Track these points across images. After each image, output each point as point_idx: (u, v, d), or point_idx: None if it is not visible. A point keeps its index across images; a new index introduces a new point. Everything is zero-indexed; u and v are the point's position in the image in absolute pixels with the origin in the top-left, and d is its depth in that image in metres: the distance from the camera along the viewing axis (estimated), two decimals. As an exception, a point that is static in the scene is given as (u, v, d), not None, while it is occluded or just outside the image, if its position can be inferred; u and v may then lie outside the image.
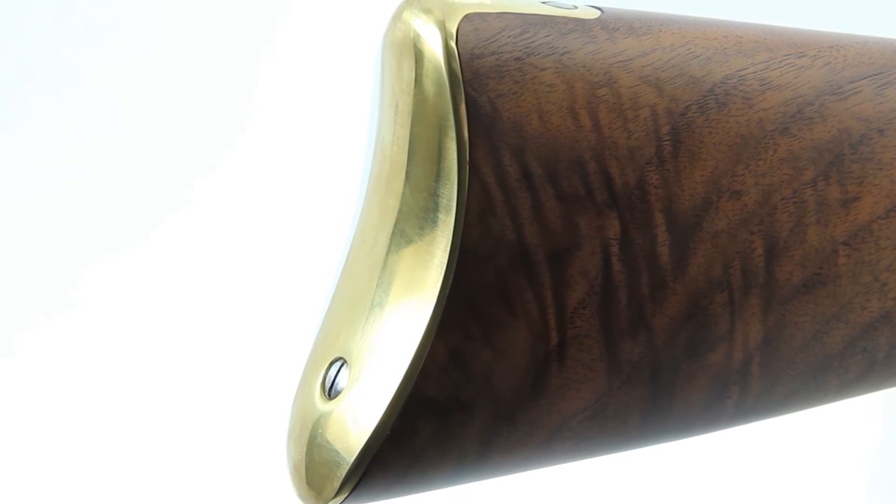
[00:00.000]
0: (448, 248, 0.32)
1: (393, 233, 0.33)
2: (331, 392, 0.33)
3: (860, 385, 0.39)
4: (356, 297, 0.34)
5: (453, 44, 0.31)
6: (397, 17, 0.32)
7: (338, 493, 0.33)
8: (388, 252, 0.33)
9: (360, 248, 0.34)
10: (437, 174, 0.32)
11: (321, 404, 0.33)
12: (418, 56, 0.32)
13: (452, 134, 0.31)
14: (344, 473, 0.32)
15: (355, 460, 0.32)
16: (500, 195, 0.32)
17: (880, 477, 0.69)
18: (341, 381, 0.33)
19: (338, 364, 0.33)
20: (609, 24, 0.34)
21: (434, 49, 0.31)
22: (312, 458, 0.33)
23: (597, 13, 0.34)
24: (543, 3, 0.33)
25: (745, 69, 0.35)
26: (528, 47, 0.32)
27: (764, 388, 0.37)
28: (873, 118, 0.37)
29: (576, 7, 0.34)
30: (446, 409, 0.32)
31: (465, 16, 0.32)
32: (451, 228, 0.32)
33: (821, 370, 0.37)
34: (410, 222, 0.32)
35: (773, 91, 0.35)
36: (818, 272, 0.36)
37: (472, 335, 0.32)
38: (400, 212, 0.33)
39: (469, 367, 0.32)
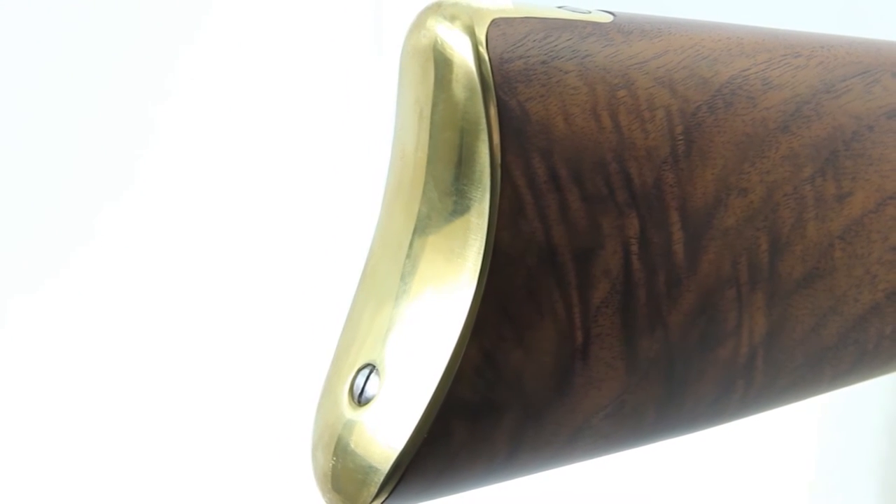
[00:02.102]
0: (481, 251, 0.32)
1: (421, 238, 0.33)
2: (360, 399, 0.33)
3: (851, 375, 0.40)
4: (382, 304, 0.34)
5: (483, 50, 0.32)
6: (420, 24, 0.33)
7: (374, 499, 0.33)
8: (416, 257, 0.33)
9: (381, 255, 0.34)
10: (468, 178, 0.32)
11: (350, 412, 0.33)
12: (447, 62, 0.32)
13: (484, 137, 0.32)
14: (381, 479, 0.32)
15: (393, 465, 0.32)
16: (530, 197, 0.32)
17: (822, 475, 0.70)
18: (371, 388, 0.33)
19: (366, 371, 0.33)
20: (623, 28, 0.34)
21: (464, 55, 0.32)
22: (345, 466, 0.33)
23: (610, 17, 0.34)
24: (559, 7, 0.34)
25: (748, 69, 0.36)
26: (552, 51, 0.33)
27: (766, 381, 0.38)
28: (863, 115, 0.38)
29: (590, 12, 0.34)
30: (479, 410, 0.33)
31: (493, 21, 0.32)
32: (483, 231, 0.32)
33: (817, 362, 0.39)
34: (439, 227, 0.33)
35: (773, 90, 0.36)
36: (816, 266, 0.37)
37: (504, 336, 0.32)
38: (428, 217, 0.33)
39: (501, 368, 0.32)
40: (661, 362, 0.35)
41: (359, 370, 0.34)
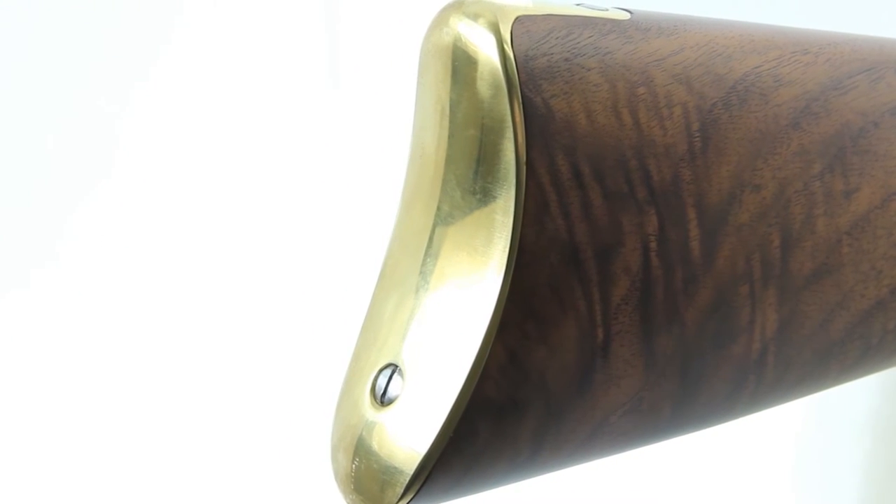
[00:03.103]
0: (507, 249, 0.32)
1: (442, 235, 0.33)
2: (382, 399, 0.33)
3: (856, 370, 0.41)
4: (403, 301, 0.33)
5: (509, 48, 0.32)
6: (442, 22, 0.32)
7: (400, 500, 0.32)
8: (438, 255, 0.33)
9: (401, 253, 0.34)
10: (493, 176, 0.32)
11: (372, 413, 0.33)
12: (471, 60, 0.32)
13: (510, 135, 0.32)
14: (407, 480, 0.32)
15: (418, 466, 0.32)
16: (554, 195, 0.32)
17: (805, 474, 0.71)
18: (394, 388, 0.33)
19: (388, 371, 0.33)
20: (641, 25, 0.34)
21: (489, 53, 0.32)
22: (368, 467, 0.33)
23: (627, 15, 0.34)
24: (578, 5, 0.34)
25: (760, 66, 0.36)
26: (574, 48, 0.33)
27: (776, 376, 0.38)
28: (869, 112, 0.38)
29: (607, 9, 0.34)
30: (504, 409, 0.33)
31: (517, 18, 0.32)
32: (509, 229, 0.32)
33: (824, 357, 0.39)
34: (462, 224, 0.33)
35: (784, 87, 0.36)
36: (825, 262, 0.38)
37: (528, 334, 0.32)
38: (450, 215, 0.33)
39: (525, 366, 0.32)
40: (678, 359, 0.35)
41: (380, 370, 0.33)
